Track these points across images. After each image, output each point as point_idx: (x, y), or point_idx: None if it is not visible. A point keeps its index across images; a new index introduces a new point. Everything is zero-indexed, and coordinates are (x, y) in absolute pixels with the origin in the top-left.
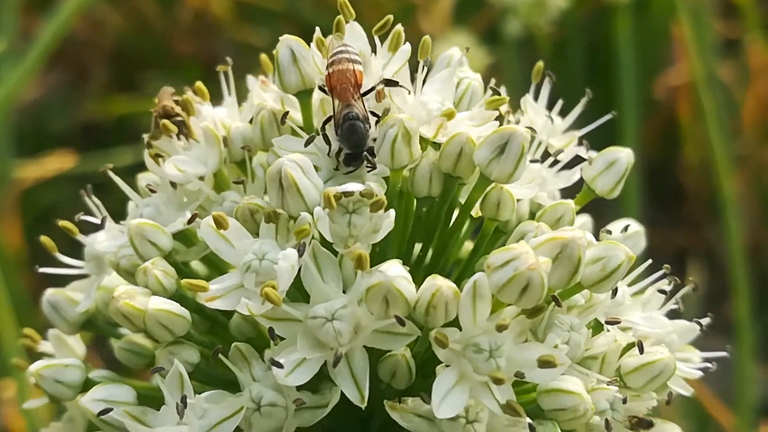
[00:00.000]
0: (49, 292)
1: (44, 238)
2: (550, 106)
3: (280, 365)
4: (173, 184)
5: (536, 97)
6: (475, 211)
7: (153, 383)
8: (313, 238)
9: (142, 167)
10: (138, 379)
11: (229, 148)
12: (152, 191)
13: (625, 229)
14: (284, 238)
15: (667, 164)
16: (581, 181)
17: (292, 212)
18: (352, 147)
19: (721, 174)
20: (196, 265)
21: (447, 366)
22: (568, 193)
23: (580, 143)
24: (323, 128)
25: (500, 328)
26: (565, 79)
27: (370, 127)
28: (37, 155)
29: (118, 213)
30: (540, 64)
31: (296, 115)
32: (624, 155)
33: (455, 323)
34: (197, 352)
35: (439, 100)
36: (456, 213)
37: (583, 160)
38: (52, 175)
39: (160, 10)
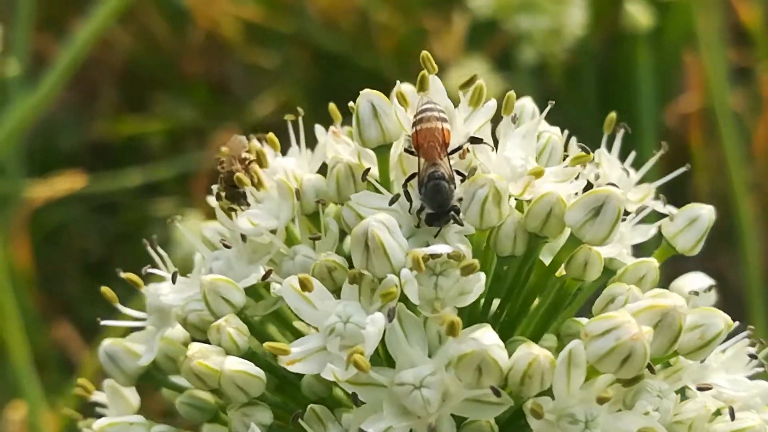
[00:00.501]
0: (107, 343)
1: (105, 289)
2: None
3: None
4: (243, 237)
5: (609, 148)
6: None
7: None
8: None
9: (152, 188)
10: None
11: (301, 201)
12: (226, 246)
13: (709, 289)
14: (368, 299)
15: (676, 191)
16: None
17: (377, 274)
18: (436, 207)
19: (738, 200)
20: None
21: None
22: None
23: (656, 197)
24: (405, 185)
25: (601, 401)
26: (577, 106)
27: (455, 187)
28: (47, 175)
29: (129, 235)
30: (612, 115)
31: (372, 169)
32: (706, 212)
33: (547, 392)
34: (270, 413)
35: (522, 156)
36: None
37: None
38: (62, 195)
39: (170, 30)
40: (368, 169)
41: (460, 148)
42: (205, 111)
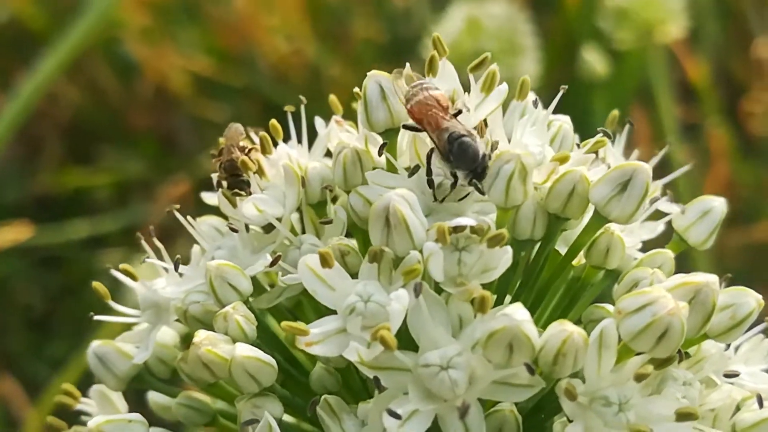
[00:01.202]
0: (96, 344)
1: (96, 284)
2: None
3: (397, 415)
4: (246, 227)
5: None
6: (576, 260)
7: None
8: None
9: (97, 242)
10: None
11: (306, 190)
12: (233, 230)
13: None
14: (387, 279)
15: None
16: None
17: (398, 251)
18: (471, 164)
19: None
20: None
21: (570, 421)
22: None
23: (663, 193)
24: (429, 161)
25: (639, 378)
26: None
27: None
28: None
29: (73, 290)
30: (615, 112)
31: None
32: (718, 204)
33: (573, 376)
34: (281, 405)
35: (538, 143)
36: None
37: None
38: (6, 247)
39: (118, 83)
40: (385, 144)
41: (460, 112)
42: (152, 164)
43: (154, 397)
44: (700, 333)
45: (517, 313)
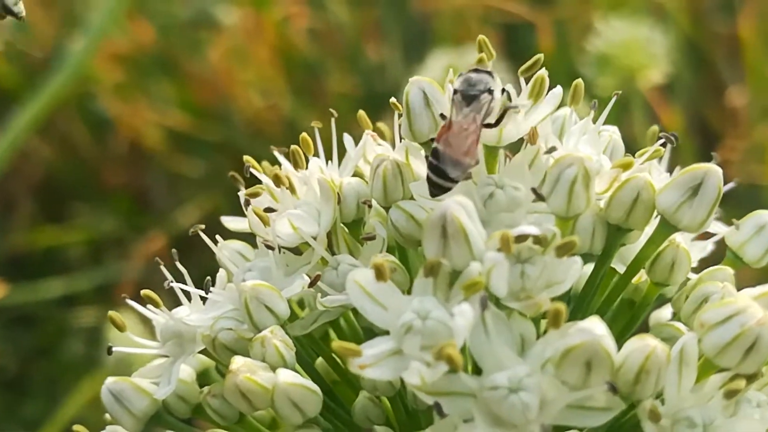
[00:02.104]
0: (111, 380)
1: (113, 314)
2: None
3: None
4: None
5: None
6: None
7: None
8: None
9: (70, 301)
10: None
11: (341, 207)
12: (269, 247)
13: None
14: (443, 294)
15: None
16: None
17: (456, 263)
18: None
19: None
20: None
21: None
22: None
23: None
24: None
25: (730, 394)
26: None
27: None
28: None
29: (46, 350)
30: (655, 128)
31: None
32: None
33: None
34: None
35: (593, 152)
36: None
37: None
38: None
39: (91, 140)
40: (431, 139)
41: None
42: (126, 221)
43: None
44: None
45: (596, 327)
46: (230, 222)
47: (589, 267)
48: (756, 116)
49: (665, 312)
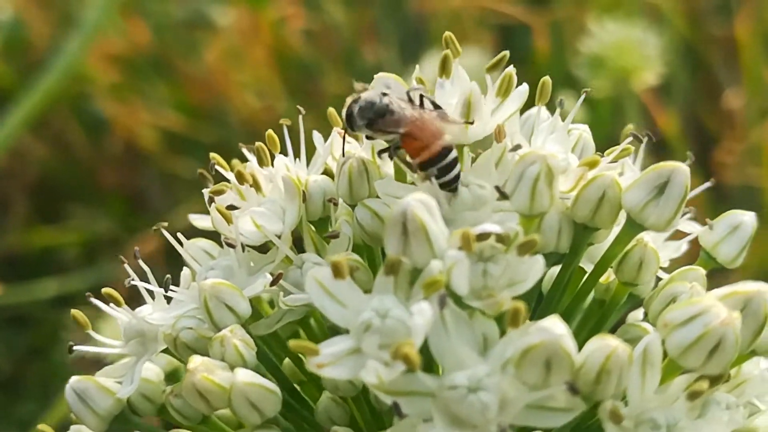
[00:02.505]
0: (75, 379)
1: (76, 312)
2: None
3: None
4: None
5: None
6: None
7: None
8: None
9: (66, 300)
10: None
11: (306, 205)
12: (230, 245)
13: None
14: (404, 293)
15: None
16: None
17: (417, 261)
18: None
19: None
20: None
21: None
22: None
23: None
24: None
25: (693, 396)
26: None
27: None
28: None
29: (40, 351)
30: (630, 126)
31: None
32: (748, 218)
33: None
34: None
35: (561, 150)
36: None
37: None
38: None
39: (86, 140)
40: (397, 148)
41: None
42: (121, 222)
43: None
44: (750, 348)
45: (556, 326)
46: (198, 220)
47: (558, 267)
48: (752, 118)
49: (639, 313)
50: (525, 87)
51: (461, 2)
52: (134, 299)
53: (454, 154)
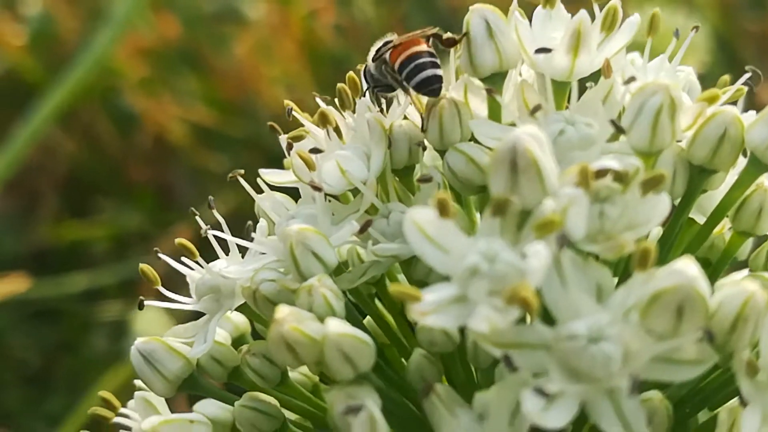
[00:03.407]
0: (141, 340)
1: (144, 267)
2: None
3: (543, 393)
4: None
5: None
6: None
7: None
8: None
9: (96, 294)
10: None
11: (391, 151)
12: (316, 189)
13: None
14: (512, 236)
15: None
16: None
17: (527, 201)
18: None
19: None
20: None
21: (744, 405)
22: None
23: None
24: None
25: None
26: None
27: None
28: None
29: (70, 344)
30: (726, 77)
31: (481, 108)
32: None
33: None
34: (378, 397)
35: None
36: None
37: None
38: (3, 300)
39: (116, 135)
40: (491, 90)
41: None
42: (150, 216)
43: (203, 409)
44: None
45: (689, 268)
46: (270, 174)
47: None
48: None
49: (735, 277)
50: (636, 17)
51: None
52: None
53: (423, 59)
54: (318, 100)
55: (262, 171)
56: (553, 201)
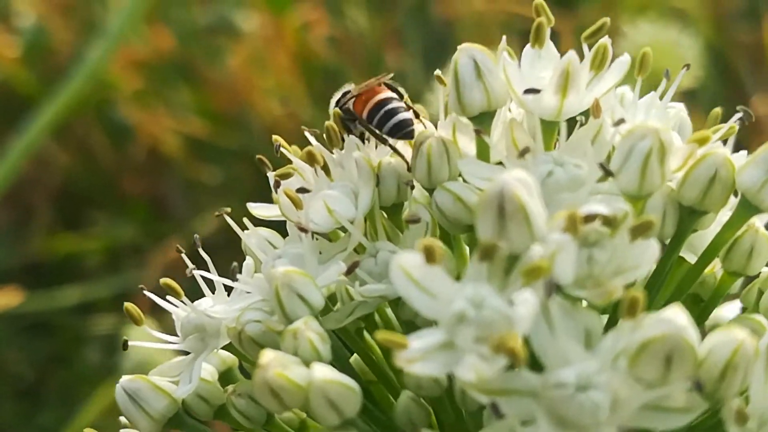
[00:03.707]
0: (126, 379)
1: (129, 306)
2: None
3: None
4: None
5: None
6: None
7: None
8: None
9: (87, 309)
10: None
11: (379, 189)
12: (303, 230)
13: None
14: (500, 281)
15: None
16: None
17: (515, 246)
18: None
19: None
20: None
21: None
22: None
23: None
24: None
25: None
26: None
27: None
28: None
29: (62, 358)
30: (718, 110)
31: (469, 146)
32: None
33: None
34: None
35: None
36: None
37: None
38: None
39: (110, 147)
40: (479, 130)
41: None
42: (144, 229)
43: None
44: None
45: (678, 317)
46: (258, 208)
47: None
48: None
49: (723, 311)
50: (626, 57)
51: (486, 7)
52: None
53: (392, 105)
54: (307, 134)
55: (250, 205)
56: (541, 246)
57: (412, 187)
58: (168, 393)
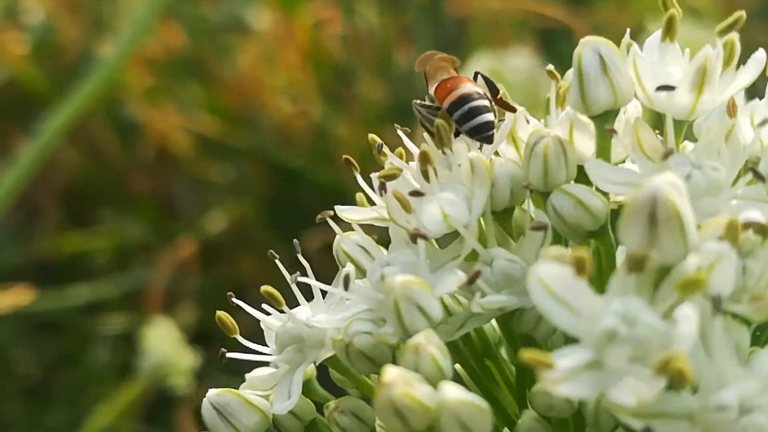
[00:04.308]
0: (215, 393)
1: (222, 314)
2: None
3: None
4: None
5: None
6: None
7: None
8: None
9: (95, 308)
10: None
11: (491, 193)
12: (421, 236)
13: None
14: (647, 294)
15: None
16: None
17: (668, 257)
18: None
19: None
20: None
21: None
22: None
23: None
24: None
25: None
26: None
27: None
28: None
29: (71, 357)
30: None
31: (588, 145)
32: None
33: None
34: None
35: None
36: None
37: None
38: (5, 312)
39: (119, 145)
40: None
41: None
42: (153, 228)
43: None
44: None
45: None
46: (347, 212)
47: None
48: None
49: None
50: (762, 53)
51: (500, 5)
52: (172, 302)
53: (477, 102)
54: (400, 132)
55: (338, 208)
56: (696, 257)
57: (532, 191)
58: (259, 408)
